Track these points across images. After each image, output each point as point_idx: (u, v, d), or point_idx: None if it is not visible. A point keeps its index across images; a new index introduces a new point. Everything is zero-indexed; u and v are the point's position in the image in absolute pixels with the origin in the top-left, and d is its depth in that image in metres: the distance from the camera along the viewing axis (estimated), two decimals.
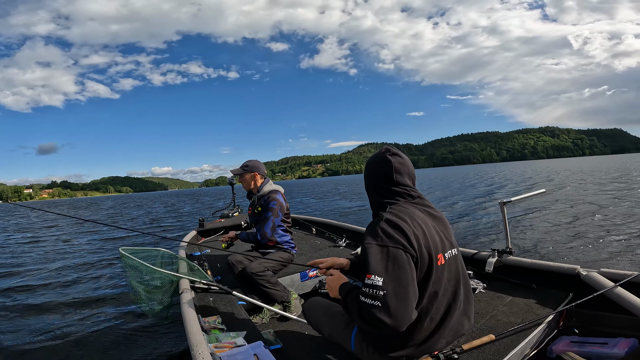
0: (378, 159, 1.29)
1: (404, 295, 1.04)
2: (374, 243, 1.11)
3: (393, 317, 1.01)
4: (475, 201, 12.12)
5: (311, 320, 1.57)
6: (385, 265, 1.07)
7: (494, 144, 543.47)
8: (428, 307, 1.15)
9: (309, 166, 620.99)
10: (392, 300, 1.02)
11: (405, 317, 1.04)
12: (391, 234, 1.11)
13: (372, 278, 1.06)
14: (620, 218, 6.71)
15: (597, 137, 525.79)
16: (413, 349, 1.21)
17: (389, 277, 1.05)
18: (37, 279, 5.23)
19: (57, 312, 3.64)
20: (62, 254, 7.49)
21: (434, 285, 1.15)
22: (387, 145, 1.36)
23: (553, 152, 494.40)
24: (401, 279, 1.05)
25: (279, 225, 2.67)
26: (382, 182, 1.27)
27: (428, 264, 1.14)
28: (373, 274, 1.06)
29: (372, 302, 1.04)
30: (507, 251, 2.25)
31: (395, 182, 1.25)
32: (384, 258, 1.08)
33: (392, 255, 1.08)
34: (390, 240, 1.10)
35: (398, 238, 1.10)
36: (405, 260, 1.08)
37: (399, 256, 1.08)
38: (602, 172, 23.43)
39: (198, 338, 1.48)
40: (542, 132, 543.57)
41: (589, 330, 1.63)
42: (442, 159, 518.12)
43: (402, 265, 1.07)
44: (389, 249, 1.09)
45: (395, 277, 1.05)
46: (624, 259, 4.20)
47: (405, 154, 1.31)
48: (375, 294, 1.04)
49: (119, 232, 10.73)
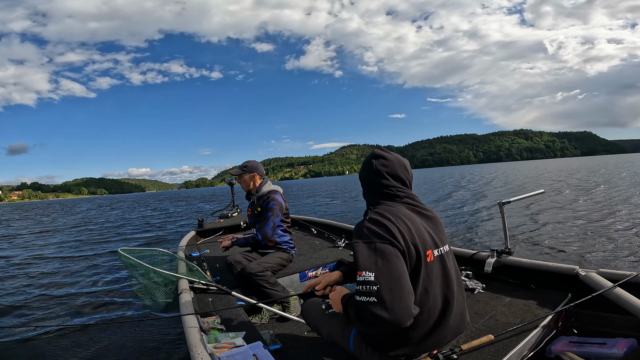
0: (364, 163, 1.35)
1: (398, 287, 1.03)
2: (361, 242, 1.13)
3: (390, 311, 1.00)
4: (474, 201, 12.13)
5: (310, 321, 1.57)
6: (374, 260, 1.07)
7: (472, 146, 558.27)
8: (421, 304, 1.14)
9: (292, 168, 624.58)
10: (387, 294, 1.01)
11: (404, 310, 1.01)
12: (375, 230, 1.13)
13: (364, 274, 1.06)
14: (619, 218, 6.73)
15: (568, 139, 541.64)
16: (411, 348, 1.21)
17: (379, 271, 1.05)
18: (32, 277, 5.23)
19: (55, 312, 3.63)
20: (60, 253, 7.49)
21: (424, 282, 1.15)
22: (377, 147, 1.38)
23: (527, 154, 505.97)
24: (392, 271, 1.05)
25: (279, 225, 2.67)
26: (368, 186, 1.32)
27: (416, 260, 1.14)
28: (363, 269, 1.06)
29: (367, 299, 1.03)
30: (506, 251, 2.25)
31: (379, 184, 1.28)
32: (372, 254, 1.08)
33: (380, 250, 1.08)
34: (375, 236, 1.11)
35: (382, 234, 1.11)
36: (393, 254, 1.08)
37: (387, 250, 1.08)
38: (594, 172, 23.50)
39: (197, 338, 1.48)
40: (517, 134, 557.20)
41: (587, 330, 1.63)
42: (422, 160, 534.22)
43: (390, 259, 1.07)
44: (375, 245, 1.10)
45: (386, 270, 1.05)
46: (623, 259, 4.21)
47: None
48: (369, 289, 1.03)
49: (118, 232, 10.71)
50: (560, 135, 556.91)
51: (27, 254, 7.71)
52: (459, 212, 9.78)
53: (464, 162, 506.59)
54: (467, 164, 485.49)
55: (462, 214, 9.23)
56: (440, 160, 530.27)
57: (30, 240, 10.34)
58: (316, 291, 1.49)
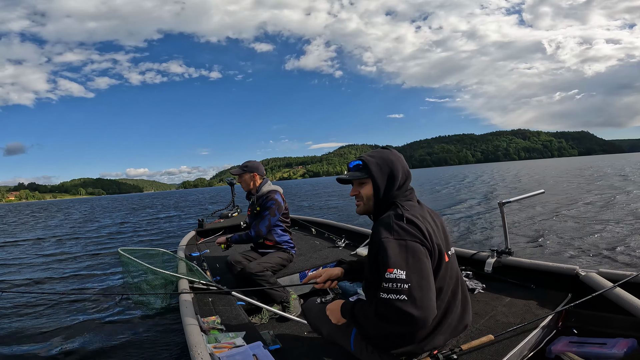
0: (399, 156, 1.30)
1: (427, 287, 1.04)
2: (392, 237, 1.12)
3: (420, 309, 1.00)
4: (474, 201, 12.13)
5: (310, 320, 1.57)
6: (405, 258, 1.07)
7: (470, 146, 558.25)
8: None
9: (290, 168, 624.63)
10: (417, 292, 1.01)
11: (431, 309, 1.03)
12: (407, 228, 1.12)
13: (395, 272, 1.04)
14: (619, 218, 6.73)
15: (565, 139, 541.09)
16: (413, 346, 1.21)
17: (410, 269, 1.05)
18: (32, 277, 5.23)
19: (54, 312, 3.63)
20: (59, 252, 7.48)
21: (439, 282, 1.17)
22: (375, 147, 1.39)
23: (524, 154, 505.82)
24: (423, 270, 1.06)
25: (277, 224, 2.67)
26: (401, 180, 1.28)
27: (438, 259, 1.16)
28: (394, 267, 1.05)
29: (396, 296, 1.02)
30: (506, 251, 2.25)
31: (406, 179, 1.29)
32: (404, 251, 1.08)
33: (411, 248, 1.09)
34: (407, 234, 1.11)
35: (414, 232, 1.12)
36: (423, 253, 1.09)
37: (418, 249, 1.09)
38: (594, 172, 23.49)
39: (197, 338, 1.48)
40: (514, 134, 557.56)
41: (587, 330, 1.63)
42: (421, 160, 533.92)
43: (421, 258, 1.08)
44: (407, 242, 1.10)
45: (417, 269, 1.05)
46: (623, 259, 4.21)
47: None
48: (400, 287, 1.02)
49: (115, 232, 10.71)
50: (557, 135, 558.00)
51: (26, 255, 7.71)
52: (459, 212, 9.77)
53: (462, 162, 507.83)
54: (465, 163, 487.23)
55: (462, 214, 9.22)
56: (438, 160, 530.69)
57: (30, 242, 10.33)
58: (316, 284, 1.49)
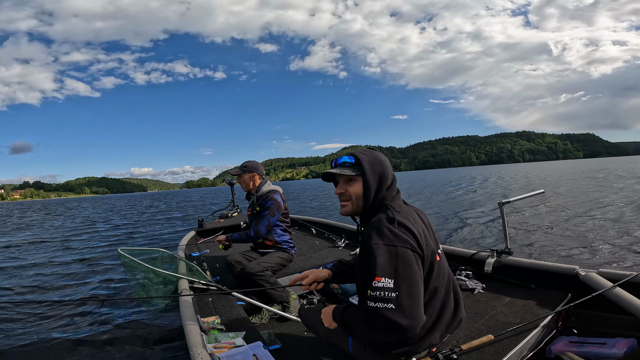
0: (380, 160, 1.25)
1: (416, 295, 1.03)
2: (382, 243, 1.08)
3: (408, 317, 0.99)
4: (474, 201, 12.12)
5: (308, 322, 1.56)
6: (394, 266, 1.04)
7: (474, 148, 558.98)
8: (428, 304, 1.15)
9: (293, 168, 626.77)
10: (406, 300, 1.00)
11: (419, 317, 1.02)
12: (398, 233, 1.09)
13: (383, 280, 1.02)
14: (619, 218, 6.73)
15: (570, 141, 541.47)
16: (411, 346, 1.21)
17: (399, 277, 1.03)
18: (31, 278, 5.23)
19: (53, 312, 3.62)
20: (57, 252, 7.48)
21: (434, 282, 1.16)
22: (368, 147, 1.38)
23: (529, 156, 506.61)
24: (412, 279, 1.04)
25: (277, 224, 2.67)
26: (389, 182, 1.25)
27: (430, 260, 1.15)
28: (383, 276, 1.03)
29: (384, 305, 1.00)
30: (506, 251, 2.25)
31: (393, 181, 1.27)
32: (394, 258, 1.05)
33: (402, 255, 1.06)
34: (397, 239, 1.08)
35: (406, 238, 1.09)
36: (413, 260, 1.07)
37: (408, 256, 1.06)
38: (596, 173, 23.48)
39: (197, 338, 1.48)
40: (519, 136, 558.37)
41: (587, 330, 1.63)
42: (424, 162, 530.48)
43: (411, 265, 1.06)
44: (397, 249, 1.06)
45: (407, 277, 1.04)
46: (623, 259, 4.21)
47: (388, 157, 1.33)
48: (388, 296, 1.01)
49: (114, 232, 10.71)
50: (562, 137, 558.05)
51: (25, 255, 7.71)
52: (459, 212, 9.77)
53: (466, 164, 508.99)
54: (469, 165, 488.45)
55: (462, 214, 9.22)
56: (442, 161, 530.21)
57: (29, 242, 10.33)
58: (301, 286, 1.48)
